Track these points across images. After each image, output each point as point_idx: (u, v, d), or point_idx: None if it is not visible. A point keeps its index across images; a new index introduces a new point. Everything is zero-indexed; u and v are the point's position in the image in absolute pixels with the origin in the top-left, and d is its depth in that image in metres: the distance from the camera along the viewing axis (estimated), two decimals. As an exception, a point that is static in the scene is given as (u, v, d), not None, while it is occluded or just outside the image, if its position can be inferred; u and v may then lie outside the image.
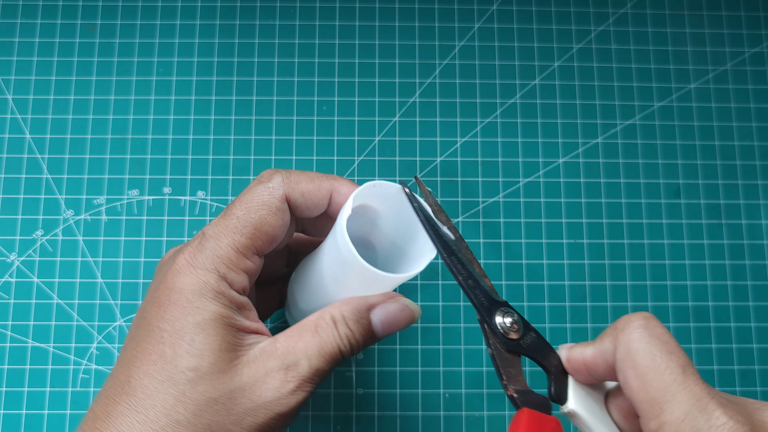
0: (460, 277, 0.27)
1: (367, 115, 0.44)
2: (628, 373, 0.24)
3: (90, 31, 0.44)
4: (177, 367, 0.25)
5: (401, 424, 0.40)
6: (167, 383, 0.25)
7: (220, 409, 0.25)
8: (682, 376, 0.23)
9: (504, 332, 0.27)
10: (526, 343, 0.27)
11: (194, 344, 0.26)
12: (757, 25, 0.46)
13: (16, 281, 0.41)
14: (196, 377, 0.25)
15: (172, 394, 0.25)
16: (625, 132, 0.44)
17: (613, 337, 0.25)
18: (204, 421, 0.25)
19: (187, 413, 0.25)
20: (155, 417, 0.25)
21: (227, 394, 0.25)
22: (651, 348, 0.24)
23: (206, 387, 0.25)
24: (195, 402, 0.25)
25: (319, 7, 0.45)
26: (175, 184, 0.42)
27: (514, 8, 0.46)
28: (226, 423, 0.25)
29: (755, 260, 0.43)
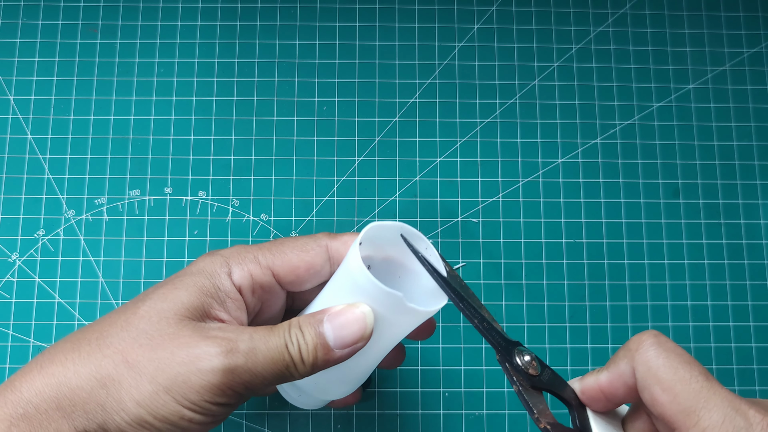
0: (476, 320, 0.28)
1: (368, 115, 0.44)
2: (654, 389, 0.24)
3: (91, 31, 0.45)
4: (136, 311, 0.27)
5: (401, 423, 0.40)
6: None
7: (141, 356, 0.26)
8: (707, 382, 0.23)
9: (525, 369, 0.27)
10: (545, 379, 0.28)
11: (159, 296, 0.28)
12: (756, 26, 0.46)
13: (17, 281, 0.41)
14: (143, 320, 0.27)
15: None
16: (624, 132, 0.44)
17: (628, 358, 0.25)
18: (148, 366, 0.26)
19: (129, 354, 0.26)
20: (110, 352, 0.26)
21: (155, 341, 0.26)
22: (670, 362, 0.24)
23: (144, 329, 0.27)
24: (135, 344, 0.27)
25: (319, 8, 0.45)
26: (176, 184, 0.43)
27: (513, 9, 0.46)
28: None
29: (754, 260, 0.43)
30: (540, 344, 0.41)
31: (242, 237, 0.42)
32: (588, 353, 0.41)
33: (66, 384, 0.26)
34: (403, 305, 0.26)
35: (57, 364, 0.26)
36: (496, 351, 0.28)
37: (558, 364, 0.41)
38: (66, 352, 0.27)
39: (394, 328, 0.28)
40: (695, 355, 0.41)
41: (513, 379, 0.27)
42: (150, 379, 0.26)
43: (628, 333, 0.41)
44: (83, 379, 0.26)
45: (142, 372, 0.26)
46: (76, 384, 0.26)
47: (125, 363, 0.26)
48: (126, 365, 0.26)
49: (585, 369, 0.41)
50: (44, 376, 0.26)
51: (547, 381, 0.27)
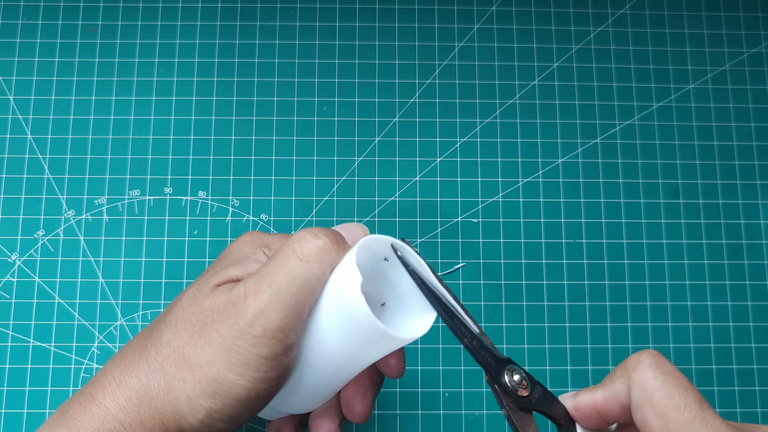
0: (465, 339, 0.27)
1: (367, 115, 0.44)
2: (647, 412, 0.24)
3: (91, 31, 0.45)
4: (180, 302, 0.28)
5: (401, 423, 0.40)
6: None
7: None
8: (700, 412, 0.23)
9: (514, 390, 0.27)
10: (535, 398, 0.27)
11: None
12: (756, 26, 0.46)
13: (17, 281, 0.41)
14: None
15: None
16: (624, 132, 0.44)
17: (625, 378, 0.25)
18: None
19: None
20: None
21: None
22: (667, 386, 0.24)
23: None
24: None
25: (319, 8, 0.45)
26: (176, 184, 0.43)
27: (513, 9, 0.46)
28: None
29: (754, 260, 0.43)
30: (540, 344, 0.41)
31: (242, 237, 0.42)
32: (588, 353, 0.41)
33: (144, 397, 0.26)
34: (386, 334, 0.26)
35: (132, 377, 0.26)
36: (485, 372, 0.27)
37: (558, 364, 0.41)
38: (136, 363, 0.27)
39: (371, 352, 0.28)
40: (695, 355, 0.41)
41: (502, 403, 0.27)
42: (208, 367, 0.25)
43: (627, 333, 0.41)
44: (154, 388, 0.26)
45: (200, 362, 0.26)
46: (151, 395, 0.26)
47: (183, 359, 0.26)
48: (184, 361, 0.26)
49: (584, 369, 0.41)
50: (124, 389, 0.26)
51: (537, 400, 0.27)
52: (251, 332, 0.25)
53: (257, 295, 0.26)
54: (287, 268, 0.26)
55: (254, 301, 0.26)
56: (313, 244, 0.26)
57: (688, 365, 0.41)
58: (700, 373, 0.41)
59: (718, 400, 0.41)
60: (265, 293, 0.26)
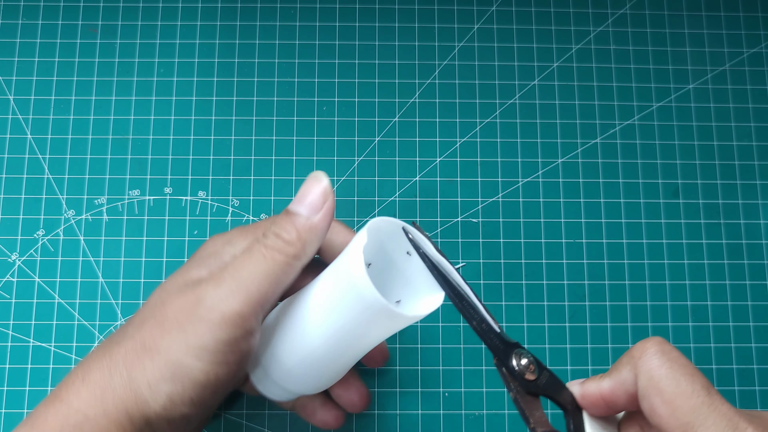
0: (474, 322, 0.28)
1: (367, 115, 0.44)
2: (654, 400, 0.24)
3: (91, 31, 0.45)
4: (147, 301, 0.30)
5: (401, 423, 0.40)
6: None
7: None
8: (708, 398, 0.23)
9: (521, 374, 0.27)
10: (542, 383, 0.27)
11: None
12: (756, 26, 0.46)
13: (17, 281, 0.41)
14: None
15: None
16: (624, 132, 0.44)
17: (631, 366, 0.25)
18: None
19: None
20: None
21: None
22: (674, 373, 0.24)
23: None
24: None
25: (319, 8, 0.45)
26: (176, 184, 0.43)
27: (513, 9, 0.46)
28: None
29: (754, 260, 0.43)
30: (540, 344, 0.41)
31: (242, 237, 0.42)
32: (588, 353, 0.41)
33: (107, 389, 0.26)
34: (392, 311, 0.26)
35: (95, 372, 0.27)
36: (493, 355, 0.27)
37: (558, 364, 0.41)
38: (100, 359, 0.27)
39: (378, 330, 0.28)
40: (695, 355, 0.41)
41: (509, 386, 0.27)
42: (166, 352, 0.26)
43: (628, 333, 0.41)
44: (116, 379, 0.27)
45: (158, 349, 0.26)
46: (114, 386, 0.26)
47: (144, 348, 0.27)
48: (144, 350, 0.27)
49: (585, 369, 0.41)
50: (87, 384, 0.27)
51: (544, 385, 0.27)
52: (209, 317, 0.26)
53: (218, 284, 0.27)
54: (251, 260, 0.27)
55: (215, 290, 0.27)
56: (276, 242, 0.28)
57: (688, 365, 0.41)
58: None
59: (718, 400, 0.41)
60: (227, 282, 0.27)
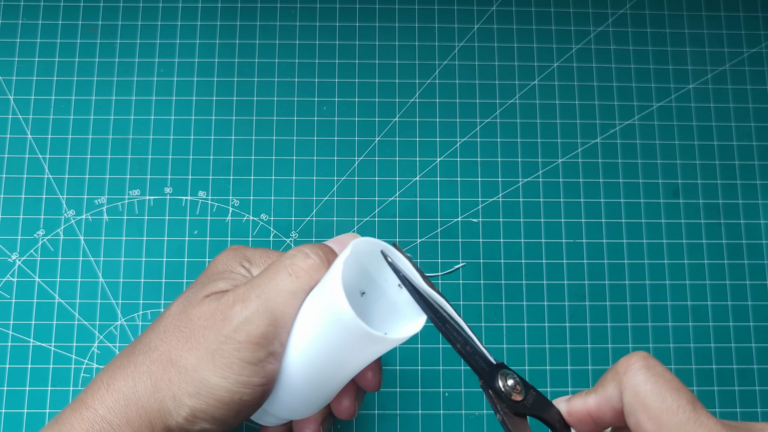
0: (458, 344, 0.27)
1: (367, 115, 0.44)
2: (640, 416, 0.24)
3: (91, 31, 0.45)
4: (169, 311, 0.30)
5: (401, 423, 0.40)
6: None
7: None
8: (694, 413, 0.23)
9: (508, 395, 0.27)
10: (530, 403, 0.27)
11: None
12: (756, 26, 0.46)
13: (17, 281, 0.41)
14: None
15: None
16: (624, 132, 0.44)
17: (616, 382, 0.25)
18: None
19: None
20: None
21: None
22: (659, 388, 0.24)
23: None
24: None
25: (319, 8, 0.45)
26: (176, 184, 0.43)
27: (513, 9, 0.46)
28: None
29: (754, 260, 0.43)
30: (540, 344, 0.41)
31: (242, 237, 0.42)
32: (588, 353, 0.41)
33: (131, 397, 0.27)
34: (371, 335, 0.26)
35: (120, 380, 0.27)
36: (478, 377, 0.27)
37: (558, 364, 0.41)
38: (125, 368, 0.28)
39: (361, 353, 0.28)
40: (694, 355, 0.41)
41: (496, 408, 0.27)
42: (194, 369, 0.27)
43: (628, 333, 0.41)
44: (140, 388, 0.27)
45: (186, 365, 0.27)
46: (138, 396, 0.27)
47: (170, 362, 0.27)
48: (171, 363, 0.27)
49: (585, 369, 0.41)
50: (112, 392, 0.27)
51: (531, 405, 0.27)
52: (236, 337, 0.26)
53: (245, 304, 0.27)
54: (276, 281, 0.27)
55: (242, 309, 0.27)
56: (304, 262, 0.28)
57: (688, 365, 0.41)
58: (700, 373, 0.41)
59: (718, 400, 0.41)
60: (253, 302, 0.27)
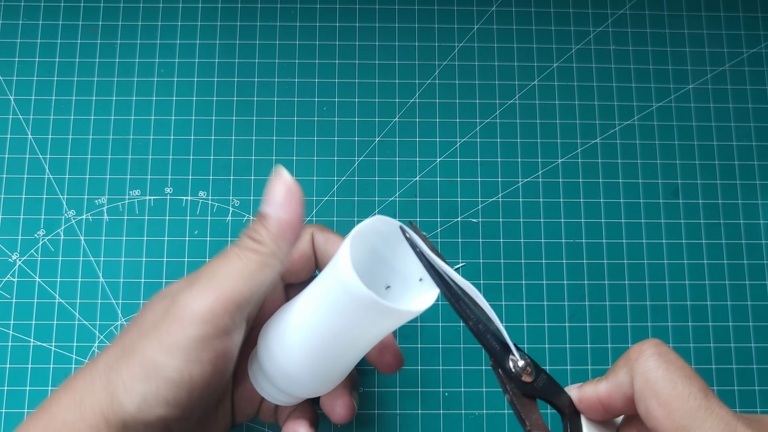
0: (471, 322, 0.27)
1: (367, 115, 0.44)
2: (650, 402, 0.24)
3: (91, 32, 0.45)
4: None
5: (401, 423, 0.40)
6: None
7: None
8: (705, 401, 0.23)
9: (518, 375, 0.27)
10: (540, 386, 0.27)
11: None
12: (756, 26, 0.46)
13: (17, 281, 0.41)
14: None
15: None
16: (624, 132, 0.44)
17: (627, 368, 0.25)
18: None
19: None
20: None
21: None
22: (670, 375, 0.24)
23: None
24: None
25: (319, 8, 0.45)
26: (176, 184, 0.43)
27: (513, 9, 0.46)
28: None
29: (753, 260, 0.43)
30: (540, 344, 0.41)
31: (242, 237, 0.42)
32: (588, 353, 0.41)
33: (86, 394, 0.27)
34: (388, 309, 0.26)
35: (78, 380, 0.27)
36: (489, 356, 0.27)
37: (558, 364, 0.41)
38: (85, 369, 0.28)
39: (371, 327, 0.27)
40: (694, 354, 0.41)
41: (506, 388, 0.27)
42: (141, 352, 0.26)
43: (627, 333, 0.41)
44: (96, 383, 0.27)
45: (134, 350, 0.27)
46: (93, 390, 0.27)
47: (123, 352, 0.27)
48: (123, 353, 0.27)
49: (584, 369, 0.41)
50: (68, 391, 0.27)
51: (541, 388, 0.27)
52: (182, 314, 0.26)
53: (192, 285, 0.27)
54: (225, 261, 0.28)
55: (189, 290, 0.27)
56: (251, 243, 0.28)
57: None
58: (700, 373, 0.41)
59: (718, 400, 0.41)
60: (200, 282, 0.27)
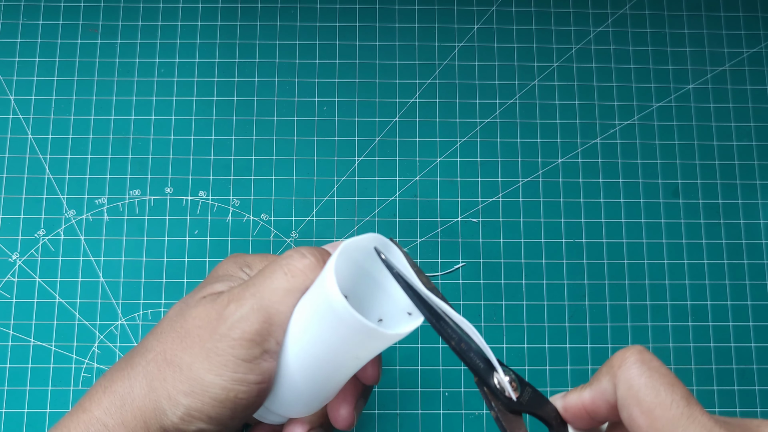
0: (453, 342, 0.27)
1: (368, 115, 0.44)
2: (633, 410, 0.24)
3: (91, 31, 0.45)
4: (167, 315, 0.30)
5: (401, 422, 0.40)
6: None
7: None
8: (687, 408, 0.23)
9: (503, 392, 0.27)
10: (525, 400, 0.27)
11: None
12: (756, 26, 0.46)
13: (18, 280, 0.41)
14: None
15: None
16: (624, 132, 0.44)
17: (610, 375, 0.25)
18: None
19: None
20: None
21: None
22: (653, 382, 0.24)
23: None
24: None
25: (319, 8, 0.45)
26: (176, 184, 0.43)
27: (513, 9, 0.46)
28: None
29: (753, 260, 0.43)
30: (540, 344, 0.41)
31: (242, 237, 0.42)
32: (587, 353, 0.41)
33: (127, 398, 0.27)
34: (374, 331, 0.25)
35: (117, 382, 0.28)
36: (473, 374, 0.27)
37: (558, 364, 0.41)
38: (122, 370, 0.28)
39: (359, 350, 0.27)
40: (694, 354, 0.41)
41: (491, 405, 0.26)
42: (188, 368, 0.27)
43: (627, 333, 0.42)
44: (137, 389, 0.27)
45: (180, 363, 0.27)
46: (134, 396, 0.27)
47: (165, 361, 0.27)
48: (166, 363, 0.27)
49: (584, 369, 0.41)
50: (108, 394, 0.27)
51: (527, 402, 0.27)
52: (231, 335, 0.26)
53: (240, 302, 0.27)
54: (272, 280, 0.27)
55: (236, 308, 0.27)
56: (299, 262, 0.28)
57: (687, 365, 0.41)
58: (700, 373, 0.41)
59: (718, 400, 0.41)
60: (248, 300, 0.27)
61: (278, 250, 0.42)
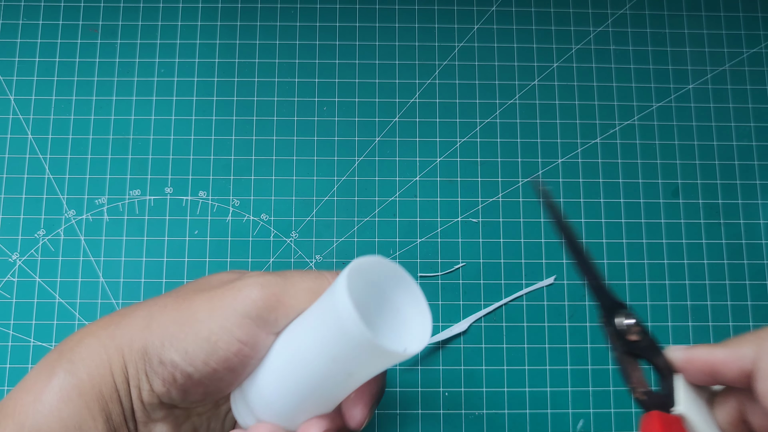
0: (589, 277, 0.28)
1: (368, 115, 0.44)
2: None
3: (91, 31, 0.45)
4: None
5: (401, 423, 0.40)
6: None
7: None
8: None
9: (626, 334, 0.28)
10: (643, 345, 0.28)
11: None
12: (756, 26, 0.46)
13: (18, 281, 0.41)
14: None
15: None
16: (624, 132, 0.44)
17: (756, 344, 0.24)
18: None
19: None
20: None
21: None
22: None
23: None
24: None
25: (319, 8, 0.45)
26: (176, 184, 0.43)
27: (513, 9, 0.46)
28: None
29: (753, 260, 0.43)
30: (540, 344, 0.41)
31: (242, 237, 0.42)
32: (587, 353, 0.41)
33: (124, 319, 0.30)
34: (383, 349, 0.25)
35: (131, 307, 0.31)
36: (601, 312, 0.28)
37: (558, 364, 0.41)
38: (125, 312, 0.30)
39: (354, 365, 0.27)
40: (695, 354, 0.41)
41: (614, 345, 0.28)
42: (189, 304, 0.28)
43: (627, 333, 0.41)
44: (139, 311, 0.29)
45: (186, 299, 0.29)
46: (131, 318, 0.29)
47: (177, 297, 0.29)
48: (176, 298, 0.29)
49: (585, 369, 0.41)
50: (115, 314, 0.31)
51: (644, 347, 0.28)
52: (241, 289, 0.28)
53: (264, 275, 0.28)
54: (294, 275, 0.28)
55: (259, 275, 0.28)
56: (333, 276, 0.29)
57: (687, 365, 0.41)
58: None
59: (718, 400, 0.41)
60: (273, 276, 0.28)
61: (278, 250, 0.42)
